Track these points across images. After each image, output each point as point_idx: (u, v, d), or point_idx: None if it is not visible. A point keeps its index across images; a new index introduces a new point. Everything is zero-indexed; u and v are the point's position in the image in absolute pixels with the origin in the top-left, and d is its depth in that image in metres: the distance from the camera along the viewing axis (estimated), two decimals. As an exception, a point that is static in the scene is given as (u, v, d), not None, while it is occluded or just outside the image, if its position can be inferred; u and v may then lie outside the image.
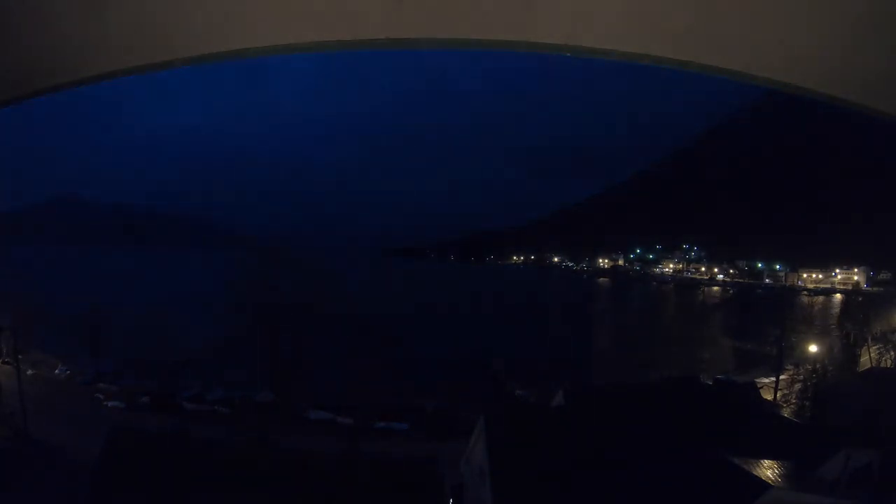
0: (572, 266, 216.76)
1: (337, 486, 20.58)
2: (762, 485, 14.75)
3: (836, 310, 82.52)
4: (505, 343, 59.53)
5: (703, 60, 1.72)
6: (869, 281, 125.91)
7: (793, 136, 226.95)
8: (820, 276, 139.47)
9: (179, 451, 20.89)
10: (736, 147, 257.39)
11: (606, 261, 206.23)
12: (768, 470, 15.88)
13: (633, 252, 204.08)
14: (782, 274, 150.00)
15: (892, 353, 41.20)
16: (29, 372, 40.16)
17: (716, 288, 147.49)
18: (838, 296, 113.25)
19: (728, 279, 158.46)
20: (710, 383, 32.25)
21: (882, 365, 39.51)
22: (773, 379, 37.82)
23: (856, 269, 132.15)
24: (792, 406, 33.27)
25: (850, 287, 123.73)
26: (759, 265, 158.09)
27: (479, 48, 1.77)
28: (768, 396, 34.50)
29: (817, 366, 36.18)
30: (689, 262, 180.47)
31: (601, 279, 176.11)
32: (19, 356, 36.74)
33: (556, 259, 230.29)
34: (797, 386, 35.65)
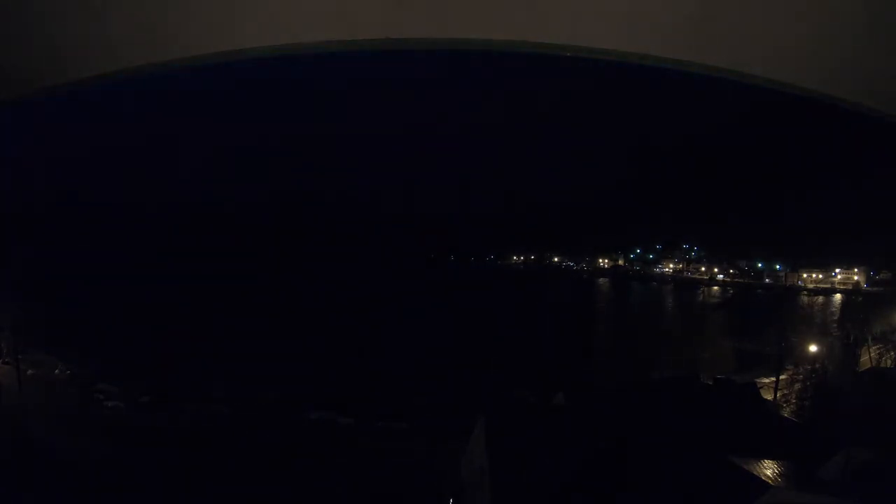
0: (572, 266, 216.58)
1: (338, 485, 20.61)
2: (762, 485, 14.75)
3: (836, 310, 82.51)
4: (505, 342, 59.49)
5: (703, 60, 1.72)
6: (869, 281, 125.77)
7: (793, 135, 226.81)
8: (820, 276, 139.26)
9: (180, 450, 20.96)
10: (736, 147, 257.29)
11: (606, 261, 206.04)
12: (768, 470, 15.88)
13: (633, 252, 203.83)
14: (782, 274, 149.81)
15: (892, 353, 41.18)
16: (29, 372, 40.15)
17: (716, 288, 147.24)
18: (838, 296, 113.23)
19: (728, 279, 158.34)
20: (710, 383, 32.19)
21: (882, 365, 39.48)
22: (773, 379, 37.79)
23: (856, 269, 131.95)
24: (792, 406, 33.25)
25: (850, 287, 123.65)
26: (759, 265, 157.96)
27: (479, 48, 1.76)
28: (768, 396, 34.48)
29: (817, 366, 36.15)
30: (689, 262, 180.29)
31: (601, 279, 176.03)
32: (19, 356, 36.76)
33: (556, 259, 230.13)
34: (797, 386, 35.62)
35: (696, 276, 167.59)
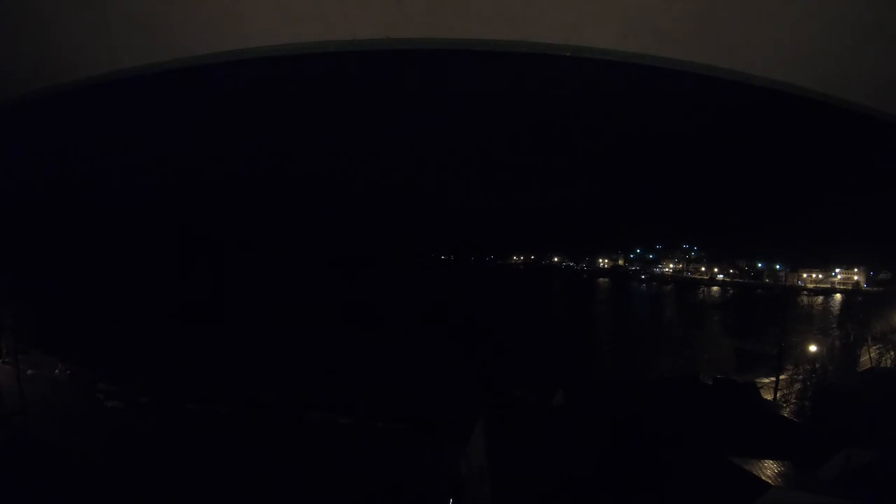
0: (572, 266, 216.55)
1: (338, 485, 20.60)
2: (762, 485, 14.75)
3: (836, 310, 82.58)
4: (505, 342, 59.50)
5: (703, 60, 1.72)
6: (869, 281, 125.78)
7: (793, 135, 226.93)
8: (820, 276, 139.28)
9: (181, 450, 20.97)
10: (736, 146, 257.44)
11: (606, 261, 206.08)
12: (768, 470, 15.88)
13: (633, 252, 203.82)
14: (782, 274, 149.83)
15: (892, 353, 41.17)
16: (29, 372, 40.14)
17: (716, 288, 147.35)
18: (838, 296, 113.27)
19: (728, 279, 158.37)
20: (710, 383, 32.20)
21: (882, 365, 39.49)
22: (773, 379, 37.80)
23: (856, 269, 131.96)
24: (792, 406, 33.27)
25: (850, 287, 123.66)
26: (759, 265, 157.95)
27: (479, 48, 1.76)
28: (768, 396, 34.50)
29: (817, 366, 36.17)
30: (689, 262, 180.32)
31: (601, 279, 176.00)
32: (19, 356, 36.74)
33: (556, 259, 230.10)
34: (797, 386, 35.64)
35: (696, 276, 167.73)
